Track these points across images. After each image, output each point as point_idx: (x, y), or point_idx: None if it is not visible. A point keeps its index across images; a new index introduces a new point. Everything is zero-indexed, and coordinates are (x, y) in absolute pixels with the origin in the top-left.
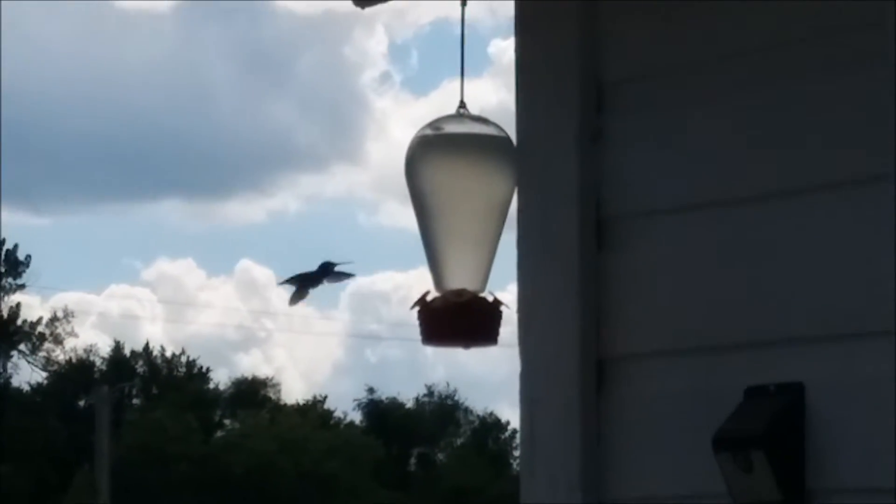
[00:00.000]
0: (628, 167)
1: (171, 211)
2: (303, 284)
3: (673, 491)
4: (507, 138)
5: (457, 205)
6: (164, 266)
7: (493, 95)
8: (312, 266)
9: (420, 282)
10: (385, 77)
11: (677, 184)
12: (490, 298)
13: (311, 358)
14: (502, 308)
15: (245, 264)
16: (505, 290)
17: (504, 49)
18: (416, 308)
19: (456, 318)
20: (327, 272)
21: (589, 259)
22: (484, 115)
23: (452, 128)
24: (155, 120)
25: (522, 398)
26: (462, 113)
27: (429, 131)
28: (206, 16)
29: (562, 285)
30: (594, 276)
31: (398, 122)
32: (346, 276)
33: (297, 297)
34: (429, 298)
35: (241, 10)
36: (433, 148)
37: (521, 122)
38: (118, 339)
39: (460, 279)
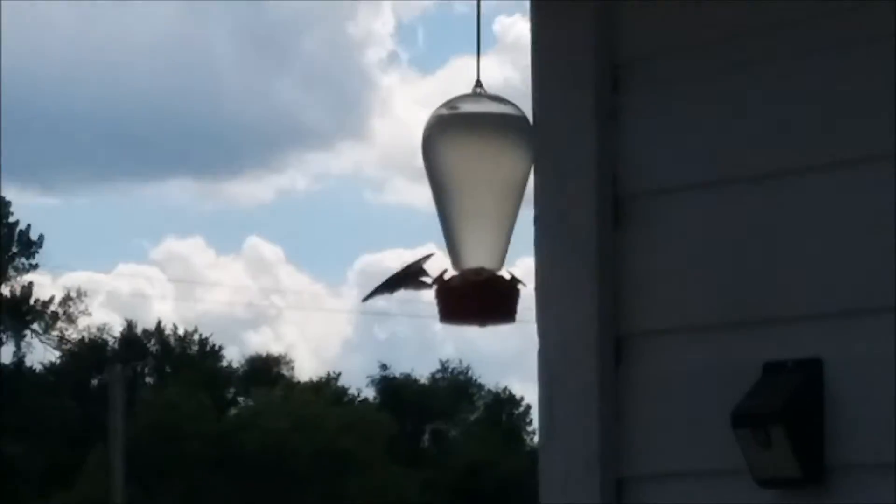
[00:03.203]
0: (645, 145)
1: (179, 190)
2: (387, 291)
3: (692, 467)
4: (524, 117)
5: (474, 184)
6: (173, 245)
7: (499, 72)
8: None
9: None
10: (392, 56)
11: (694, 161)
12: (507, 276)
13: (321, 335)
14: (520, 286)
15: (253, 242)
16: (514, 265)
17: (508, 26)
18: (434, 287)
19: (474, 297)
20: (409, 277)
21: (606, 236)
22: (490, 92)
23: (469, 107)
24: (162, 100)
25: (541, 376)
26: (478, 92)
27: (445, 111)
28: None
29: (579, 263)
30: (611, 254)
31: (405, 99)
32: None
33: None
34: (446, 277)
35: None
36: (450, 127)
37: (538, 100)
38: (128, 318)
39: (478, 258)
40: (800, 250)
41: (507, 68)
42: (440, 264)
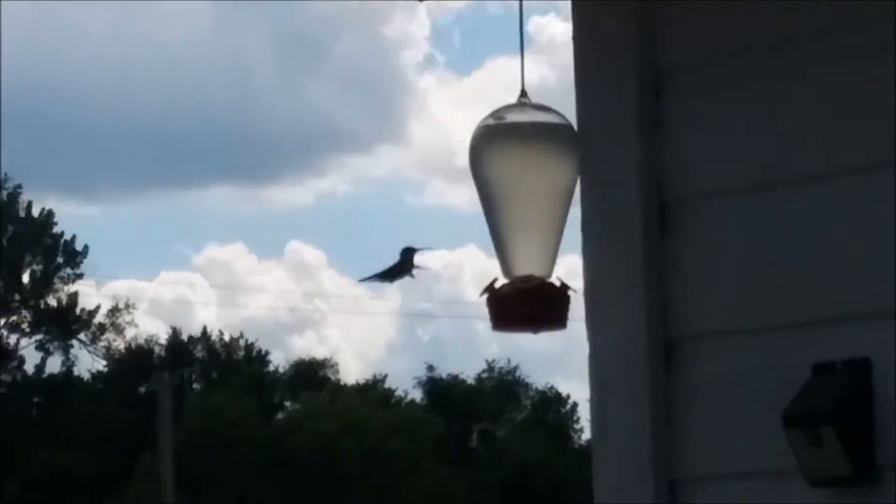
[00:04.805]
0: (689, 151)
1: (219, 196)
2: (386, 279)
3: (744, 468)
4: (569, 125)
5: (522, 193)
6: (215, 251)
7: (536, 73)
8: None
9: (469, 260)
10: (428, 59)
11: (737, 165)
12: (557, 283)
13: (365, 338)
14: (570, 292)
15: (295, 246)
16: (561, 264)
17: (543, 27)
18: (485, 295)
19: (525, 304)
20: (407, 264)
21: (653, 242)
22: (526, 93)
23: (514, 117)
24: (201, 107)
25: (592, 380)
26: (523, 102)
27: (491, 121)
28: (244, 2)
29: (627, 268)
30: (658, 259)
31: (442, 101)
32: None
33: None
34: (497, 285)
35: None
36: (496, 137)
37: (581, 108)
38: (172, 325)
39: (527, 265)
40: (845, 250)
41: (543, 69)
42: (473, 264)
